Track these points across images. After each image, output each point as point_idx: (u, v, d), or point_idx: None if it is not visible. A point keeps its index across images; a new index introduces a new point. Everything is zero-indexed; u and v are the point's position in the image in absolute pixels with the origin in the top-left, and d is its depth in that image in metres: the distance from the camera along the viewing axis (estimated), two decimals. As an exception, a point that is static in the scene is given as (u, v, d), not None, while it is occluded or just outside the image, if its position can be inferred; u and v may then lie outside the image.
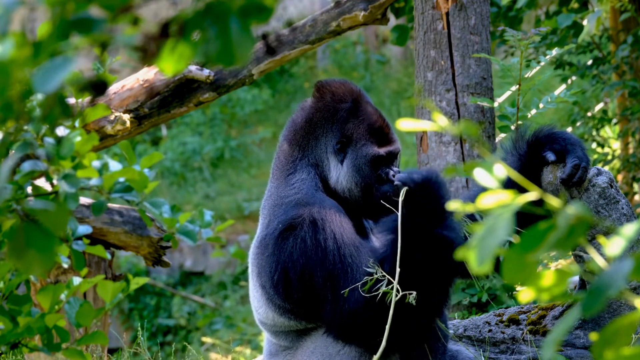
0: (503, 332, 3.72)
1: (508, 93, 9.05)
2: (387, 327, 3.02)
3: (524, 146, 3.42)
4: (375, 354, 3.19)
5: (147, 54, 1.37)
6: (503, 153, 3.47)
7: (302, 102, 3.47)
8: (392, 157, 3.33)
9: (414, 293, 2.99)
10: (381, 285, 3.01)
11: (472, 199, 3.47)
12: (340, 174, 3.33)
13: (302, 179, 3.32)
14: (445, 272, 3.05)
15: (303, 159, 3.36)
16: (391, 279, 3.00)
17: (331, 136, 3.35)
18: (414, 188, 3.04)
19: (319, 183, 3.32)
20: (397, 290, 2.99)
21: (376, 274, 3.03)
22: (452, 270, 3.07)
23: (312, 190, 3.28)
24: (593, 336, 1.38)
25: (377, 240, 3.36)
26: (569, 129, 7.79)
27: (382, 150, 3.31)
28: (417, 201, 3.04)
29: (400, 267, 2.99)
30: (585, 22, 7.14)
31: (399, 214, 3.02)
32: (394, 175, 3.29)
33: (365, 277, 3.05)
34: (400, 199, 3.04)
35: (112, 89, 5.10)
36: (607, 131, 8.87)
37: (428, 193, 3.04)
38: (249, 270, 3.42)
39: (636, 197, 7.89)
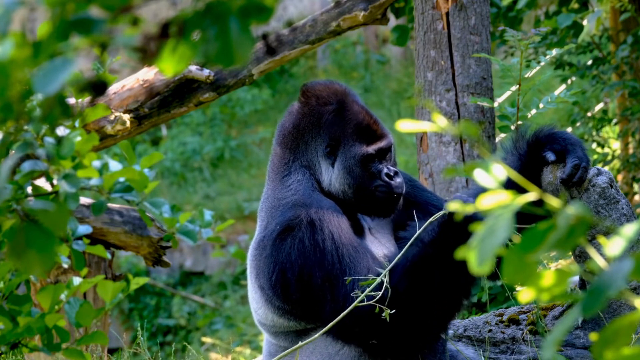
0: (503, 332, 3.72)
1: (508, 93, 9.04)
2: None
3: (524, 146, 3.42)
4: (373, 353, 3.19)
5: (146, 54, 1.37)
6: (503, 153, 3.47)
7: (290, 106, 3.46)
8: (383, 152, 3.32)
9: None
10: (380, 295, 3.03)
11: (473, 196, 3.47)
12: (332, 176, 3.32)
13: (297, 180, 3.32)
14: (454, 305, 3.10)
15: (296, 161, 3.35)
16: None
17: (320, 140, 3.33)
18: (461, 219, 3.01)
19: (314, 183, 3.32)
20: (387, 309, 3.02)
21: (384, 277, 3.04)
22: (461, 305, 3.13)
23: (309, 191, 3.28)
24: (593, 336, 1.38)
25: (378, 240, 3.36)
26: (569, 129, 7.79)
27: (371, 149, 3.29)
28: (457, 233, 3.03)
29: (409, 283, 3.02)
30: (585, 22, 7.14)
31: (431, 230, 3.06)
32: (387, 174, 3.29)
33: (370, 276, 3.06)
34: (440, 217, 3.05)
35: (112, 89, 5.10)
36: (607, 131, 8.87)
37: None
38: (248, 271, 3.42)
39: (636, 197, 7.89)
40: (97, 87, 1.50)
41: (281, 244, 3.16)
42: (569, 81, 7.82)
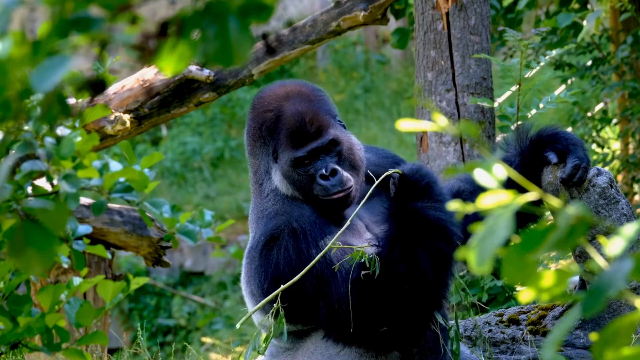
0: (503, 332, 3.72)
1: (508, 93, 9.04)
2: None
3: (527, 144, 3.42)
4: (376, 351, 3.18)
5: (145, 53, 1.37)
6: (504, 150, 3.47)
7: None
8: (316, 152, 3.24)
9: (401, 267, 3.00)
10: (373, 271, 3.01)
11: (464, 180, 3.53)
12: (280, 182, 3.30)
13: (272, 189, 3.30)
14: (438, 253, 3.02)
15: (261, 168, 3.35)
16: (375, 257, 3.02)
17: (266, 148, 3.32)
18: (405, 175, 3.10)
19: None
20: (375, 262, 3.00)
21: (371, 264, 3.02)
22: (443, 253, 3.03)
23: (287, 198, 3.26)
24: (593, 336, 1.38)
25: (365, 225, 3.34)
26: (569, 129, 7.79)
27: (301, 152, 3.24)
28: (406, 189, 3.09)
29: (389, 248, 3.00)
30: (585, 22, 7.14)
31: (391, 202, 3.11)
32: (321, 175, 3.21)
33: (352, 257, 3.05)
34: (392, 189, 3.11)
35: (112, 89, 5.10)
36: (607, 132, 8.87)
37: (418, 179, 3.11)
38: (241, 277, 3.45)
39: (636, 197, 7.89)
40: (95, 86, 1.50)
41: (268, 254, 3.15)
42: (569, 81, 7.82)
